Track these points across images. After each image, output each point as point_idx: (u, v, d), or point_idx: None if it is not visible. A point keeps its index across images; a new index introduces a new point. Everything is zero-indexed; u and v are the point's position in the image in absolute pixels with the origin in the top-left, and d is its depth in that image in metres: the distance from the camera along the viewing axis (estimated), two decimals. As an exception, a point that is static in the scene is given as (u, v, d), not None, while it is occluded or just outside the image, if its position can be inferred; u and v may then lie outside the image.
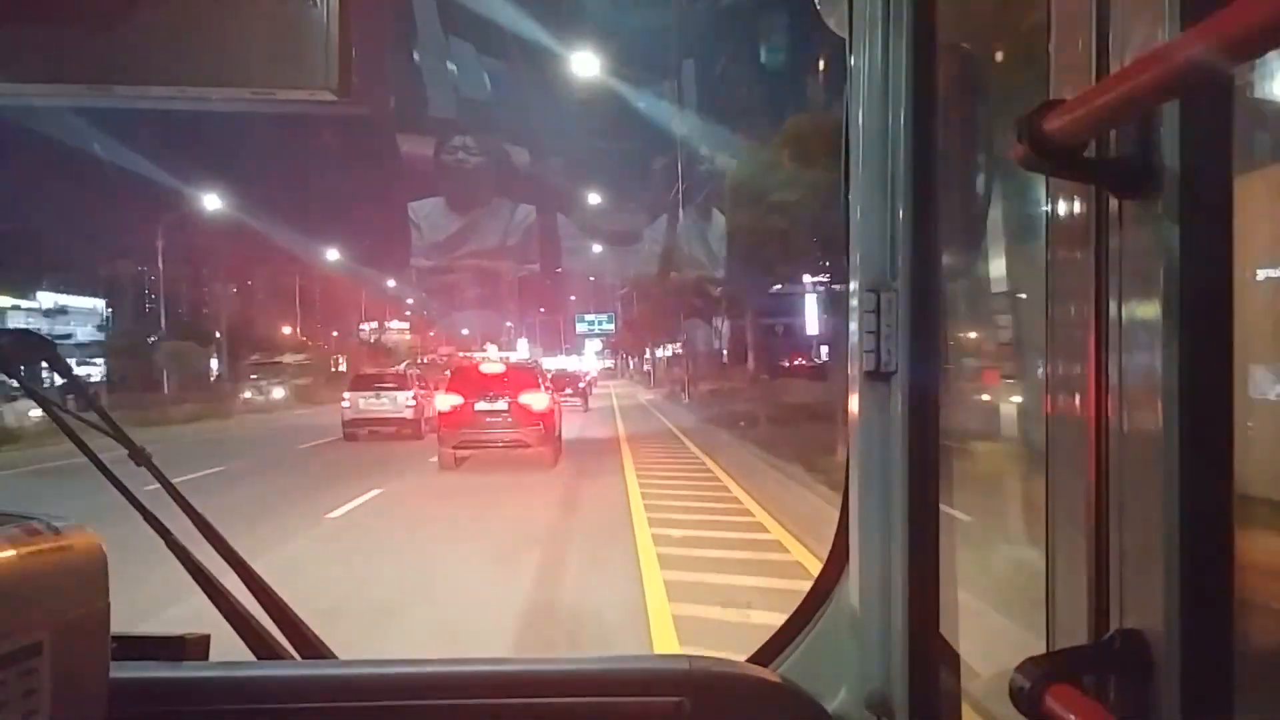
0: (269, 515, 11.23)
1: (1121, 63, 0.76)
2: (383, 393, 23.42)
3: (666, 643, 6.14)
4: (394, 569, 8.68)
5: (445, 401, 16.63)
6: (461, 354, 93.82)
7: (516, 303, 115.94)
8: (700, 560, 8.63)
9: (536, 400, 16.59)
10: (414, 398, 23.57)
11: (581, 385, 40.05)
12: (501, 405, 16.39)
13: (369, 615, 6.78)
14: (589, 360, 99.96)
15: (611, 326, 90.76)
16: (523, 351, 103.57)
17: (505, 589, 7.75)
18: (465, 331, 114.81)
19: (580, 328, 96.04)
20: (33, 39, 1.04)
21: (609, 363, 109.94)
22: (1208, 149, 0.70)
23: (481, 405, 16.38)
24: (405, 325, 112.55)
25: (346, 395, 23.61)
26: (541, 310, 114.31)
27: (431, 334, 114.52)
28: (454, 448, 16.20)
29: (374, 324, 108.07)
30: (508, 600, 7.38)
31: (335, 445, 22.17)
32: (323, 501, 12.37)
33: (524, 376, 17.65)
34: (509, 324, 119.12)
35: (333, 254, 65.10)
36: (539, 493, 13.54)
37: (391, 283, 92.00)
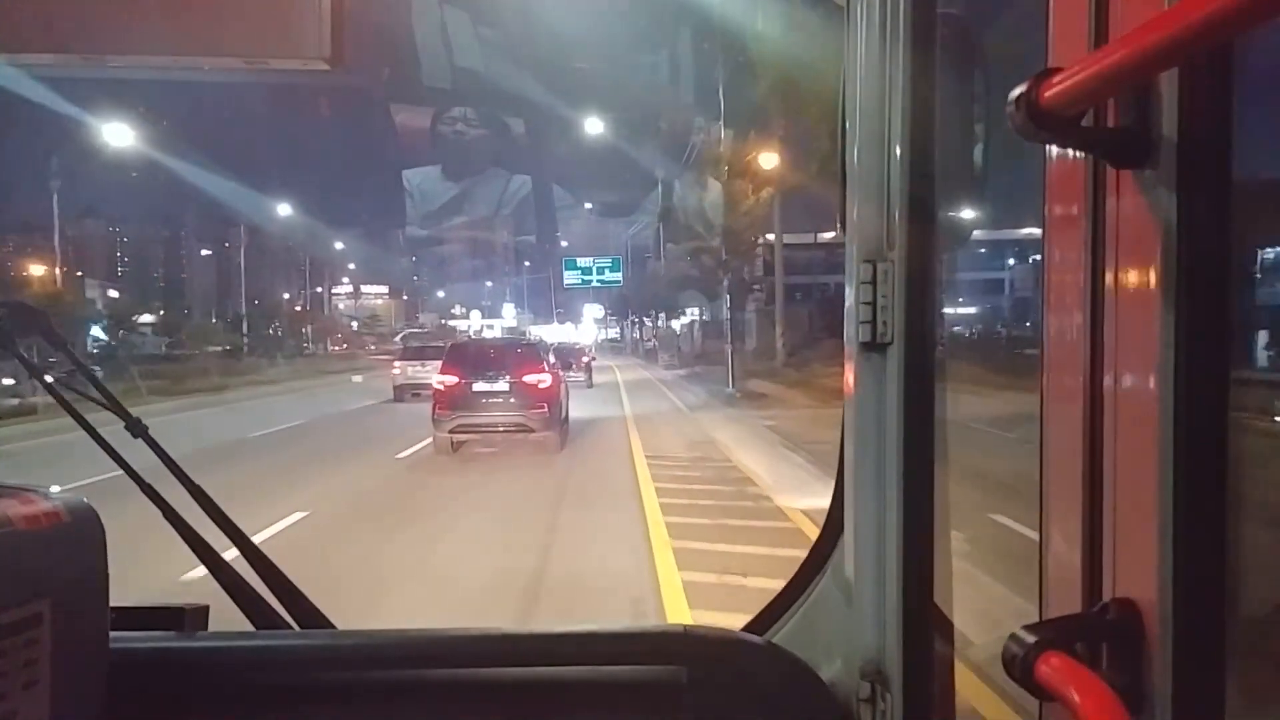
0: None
1: (1120, 31, 0.75)
2: (427, 363, 27.21)
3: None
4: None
5: (440, 381, 15.55)
6: (443, 322, 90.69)
7: (508, 270, 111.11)
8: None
9: (540, 380, 15.45)
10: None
11: (585, 360, 36.63)
12: (502, 386, 15.28)
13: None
14: (587, 330, 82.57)
15: (618, 277, 65.66)
16: (509, 319, 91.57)
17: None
18: (441, 294, 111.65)
19: (570, 277, 66.97)
20: (26, 8, 1.03)
21: (613, 332, 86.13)
22: (1206, 118, 0.69)
23: (480, 386, 15.28)
24: (384, 290, 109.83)
25: (397, 364, 29.62)
26: (528, 264, 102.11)
27: (405, 297, 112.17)
28: (450, 432, 15.15)
29: (348, 288, 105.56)
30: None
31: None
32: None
33: (526, 354, 16.63)
34: (489, 283, 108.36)
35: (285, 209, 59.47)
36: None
37: (340, 245, 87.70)
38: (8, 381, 20.80)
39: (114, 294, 71.04)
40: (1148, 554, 0.72)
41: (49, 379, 1.50)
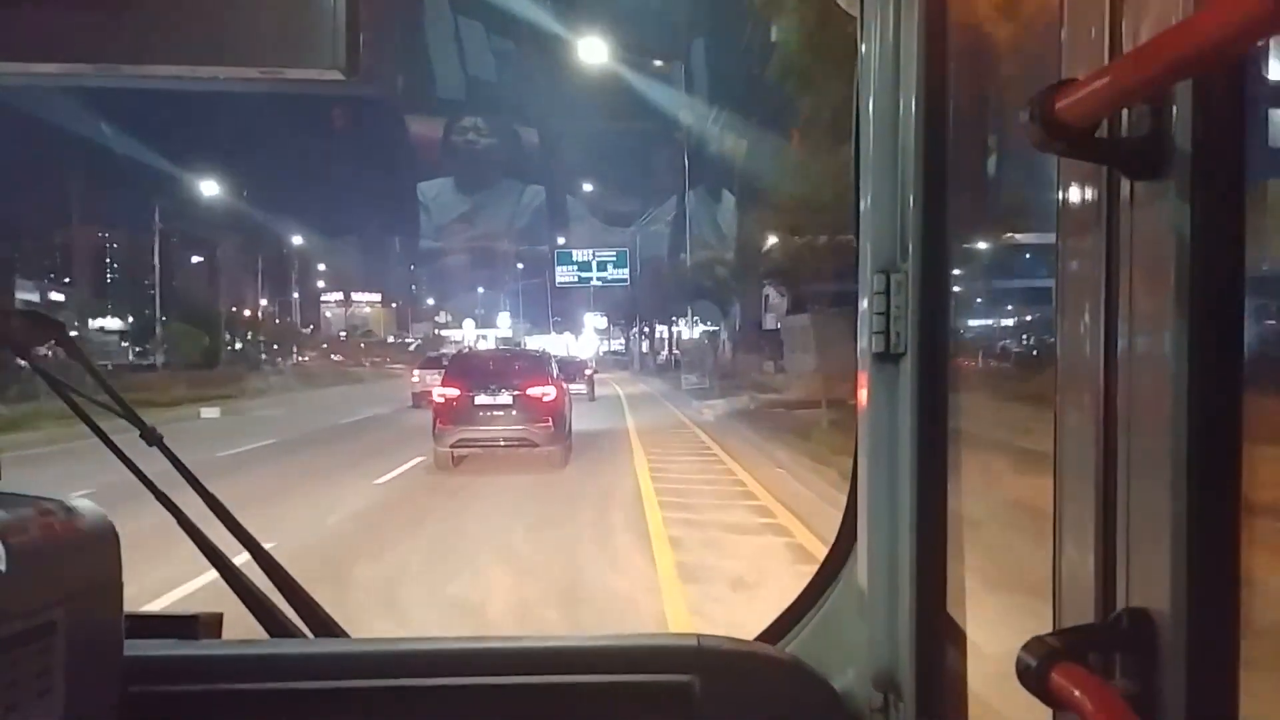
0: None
1: (1134, 42, 0.75)
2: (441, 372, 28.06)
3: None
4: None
5: (442, 394, 14.80)
6: (436, 332, 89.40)
7: (508, 279, 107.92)
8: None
9: (545, 394, 14.71)
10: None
11: (588, 373, 33.66)
12: (506, 399, 14.57)
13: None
14: (588, 341, 71.42)
15: (624, 275, 52.86)
16: (504, 328, 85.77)
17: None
18: (431, 301, 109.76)
19: (564, 274, 53.03)
20: (40, 18, 1.04)
21: (618, 344, 72.29)
22: (1220, 129, 0.69)
23: (483, 399, 14.55)
24: (375, 298, 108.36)
25: (416, 372, 31.45)
26: (520, 265, 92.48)
27: (394, 305, 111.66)
28: (451, 446, 14.34)
29: (338, 295, 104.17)
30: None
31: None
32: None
33: (531, 366, 15.91)
34: (481, 289, 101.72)
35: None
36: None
37: (330, 252, 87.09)
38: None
39: (58, 297, 66.54)
40: (1161, 564, 0.72)
41: (65, 387, 1.51)
